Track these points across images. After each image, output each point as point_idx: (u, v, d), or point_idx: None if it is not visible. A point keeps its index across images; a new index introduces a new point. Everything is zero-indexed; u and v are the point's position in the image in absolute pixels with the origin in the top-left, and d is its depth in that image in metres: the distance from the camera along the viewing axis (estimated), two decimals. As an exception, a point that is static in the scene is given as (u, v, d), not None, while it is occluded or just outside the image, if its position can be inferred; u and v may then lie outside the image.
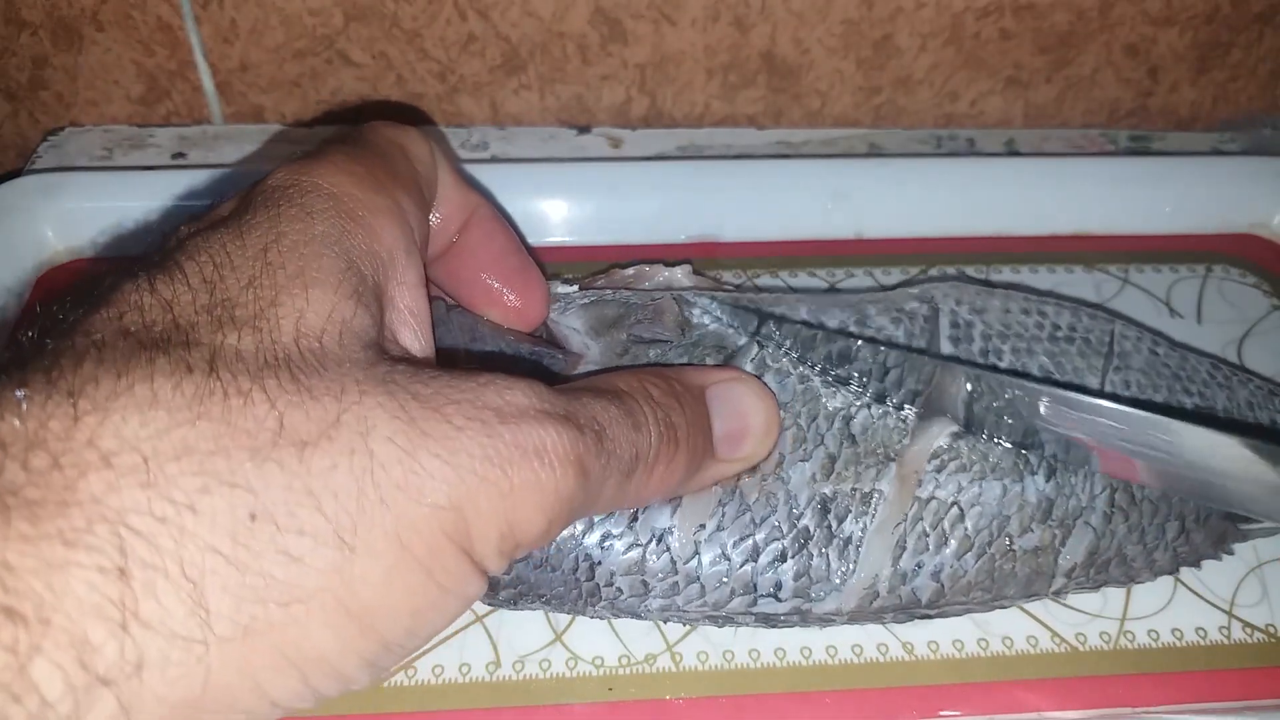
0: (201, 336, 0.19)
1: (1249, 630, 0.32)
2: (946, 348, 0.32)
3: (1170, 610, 0.32)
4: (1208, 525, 0.32)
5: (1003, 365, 0.31)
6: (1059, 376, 0.31)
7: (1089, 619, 0.32)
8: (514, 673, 0.30)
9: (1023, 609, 0.32)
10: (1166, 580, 0.32)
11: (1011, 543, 0.30)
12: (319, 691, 0.19)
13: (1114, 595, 0.32)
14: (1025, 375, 0.32)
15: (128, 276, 0.21)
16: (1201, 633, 0.32)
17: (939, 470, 0.30)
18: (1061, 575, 0.30)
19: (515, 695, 0.30)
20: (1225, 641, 0.31)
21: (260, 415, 0.18)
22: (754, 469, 0.29)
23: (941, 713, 0.30)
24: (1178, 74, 0.49)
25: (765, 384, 0.29)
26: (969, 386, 0.30)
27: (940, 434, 0.30)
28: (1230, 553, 0.32)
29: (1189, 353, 0.34)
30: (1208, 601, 0.32)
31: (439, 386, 0.20)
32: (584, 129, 0.50)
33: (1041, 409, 0.29)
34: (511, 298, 0.30)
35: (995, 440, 0.30)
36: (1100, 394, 0.31)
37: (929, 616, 0.31)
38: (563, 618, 0.31)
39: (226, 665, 0.18)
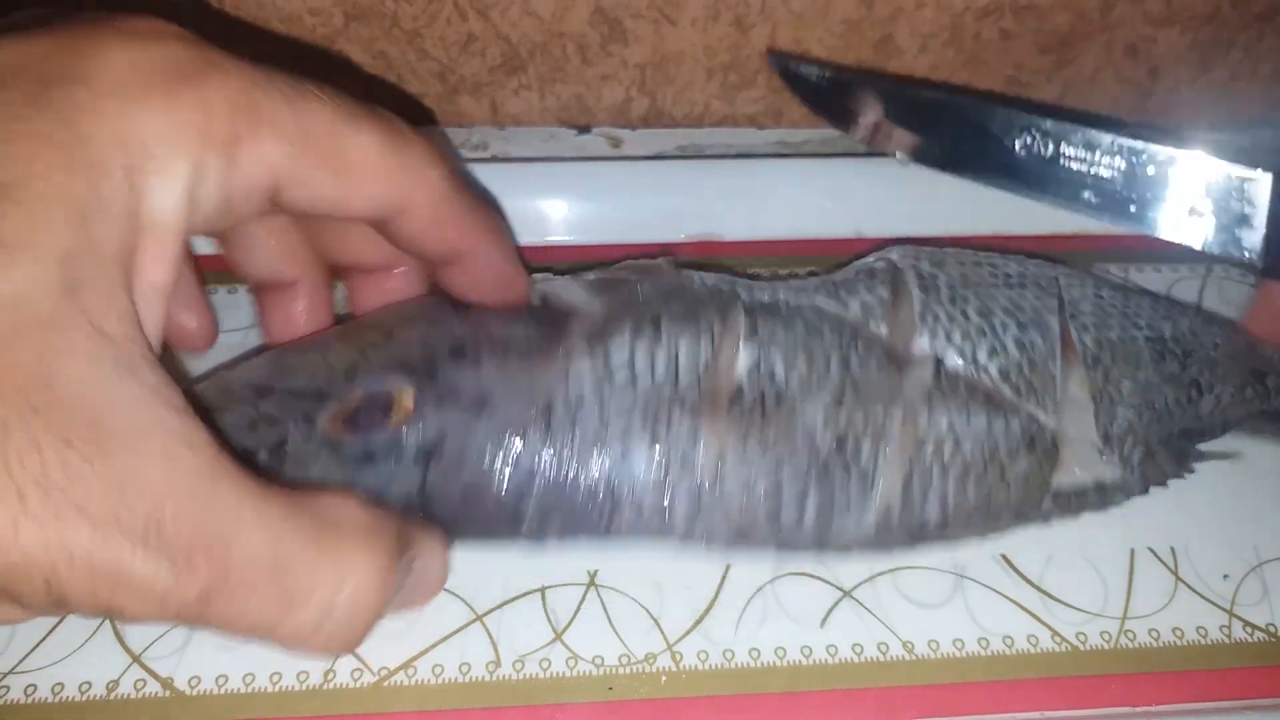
0: None
1: (1249, 630, 0.32)
2: (917, 298, 0.34)
3: (1171, 609, 0.32)
4: (1169, 447, 0.34)
5: (971, 311, 0.33)
6: (1021, 317, 0.34)
7: (1089, 618, 0.32)
8: (514, 672, 0.30)
9: (1023, 608, 0.32)
10: (1167, 579, 0.33)
11: (1004, 471, 0.31)
12: None
13: (1114, 595, 0.32)
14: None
15: None
16: (1202, 632, 0.32)
17: (929, 402, 0.31)
18: (1048, 501, 0.32)
19: (515, 695, 0.30)
20: (1226, 641, 0.31)
21: None
22: (777, 403, 0.31)
23: (941, 713, 0.30)
24: (1178, 74, 0.49)
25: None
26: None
27: (927, 369, 0.32)
28: (1192, 471, 0.34)
29: (1129, 291, 0.36)
30: (1208, 600, 0.32)
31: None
32: (584, 129, 0.50)
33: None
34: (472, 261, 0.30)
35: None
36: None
37: (932, 542, 0.32)
38: (563, 616, 0.31)
39: None
